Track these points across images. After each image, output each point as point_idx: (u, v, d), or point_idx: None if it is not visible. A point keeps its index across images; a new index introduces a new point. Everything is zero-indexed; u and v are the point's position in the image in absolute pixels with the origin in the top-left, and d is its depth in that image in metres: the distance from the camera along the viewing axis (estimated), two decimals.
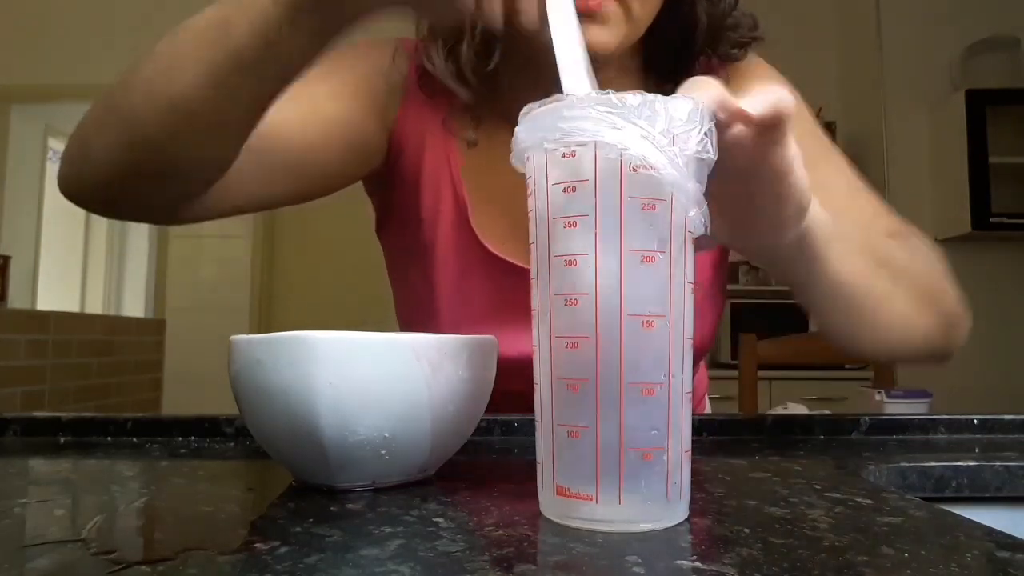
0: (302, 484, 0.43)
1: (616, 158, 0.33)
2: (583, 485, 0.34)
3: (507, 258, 0.70)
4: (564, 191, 0.34)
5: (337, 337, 0.39)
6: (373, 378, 0.39)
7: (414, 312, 0.77)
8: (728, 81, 0.70)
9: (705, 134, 0.35)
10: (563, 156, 0.34)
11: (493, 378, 0.46)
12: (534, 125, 0.35)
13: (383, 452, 0.40)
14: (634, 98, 0.33)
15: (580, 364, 0.34)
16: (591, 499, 0.33)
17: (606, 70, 0.66)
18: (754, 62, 0.75)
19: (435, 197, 0.72)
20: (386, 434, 0.40)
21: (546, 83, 0.63)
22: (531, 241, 0.37)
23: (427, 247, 0.73)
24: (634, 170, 0.33)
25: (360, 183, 0.76)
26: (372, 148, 0.72)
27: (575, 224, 0.34)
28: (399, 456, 0.41)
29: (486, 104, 0.71)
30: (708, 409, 0.90)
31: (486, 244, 0.70)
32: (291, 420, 0.39)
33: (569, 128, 0.33)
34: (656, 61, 0.72)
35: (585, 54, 0.47)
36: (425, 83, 0.72)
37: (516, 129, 0.36)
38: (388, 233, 0.78)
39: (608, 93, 0.34)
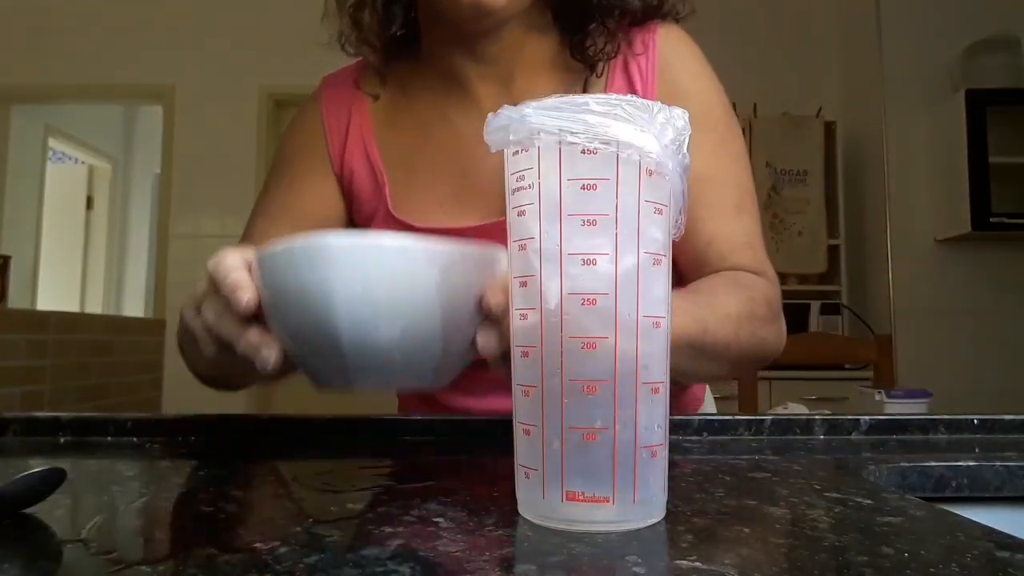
0: (322, 390, 0.44)
1: (636, 160, 0.33)
2: (599, 488, 0.33)
3: (432, 225, 0.72)
4: (584, 188, 0.34)
5: (352, 242, 0.40)
6: (386, 280, 0.40)
7: None
8: (646, 49, 0.72)
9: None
10: (583, 152, 0.33)
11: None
12: (551, 113, 0.34)
13: (396, 353, 0.41)
14: (655, 104, 0.34)
15: (599, 365, 0.33)
16: (607, 501, 0.33)
17: (512, 28, 0.69)
18: (679, 41, 0.74)
19: (366, 192, 0.76)
20: (399, 334, 0.40)
21: (467, 43, 0.70)
22: (526, 236, 0.35)
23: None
24: (650, 174, 0.34)
25: None
26: (339, 198, 0.78)
27: (595, 223, 0.33)
28: (412, 357, 0.41)
29: (389, 67, 0.76)
30: (710, 397, 0.89)
31: (410, 221, 0.72)
32: (309, 321, 0.40)
33: (597, 123, 0.33)
34: (564, 16, 0.73)
35: None
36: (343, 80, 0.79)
37: (512, 110, 0.35)
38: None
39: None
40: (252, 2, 3.75)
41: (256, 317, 0.43)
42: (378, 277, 0.39)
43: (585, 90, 0.72)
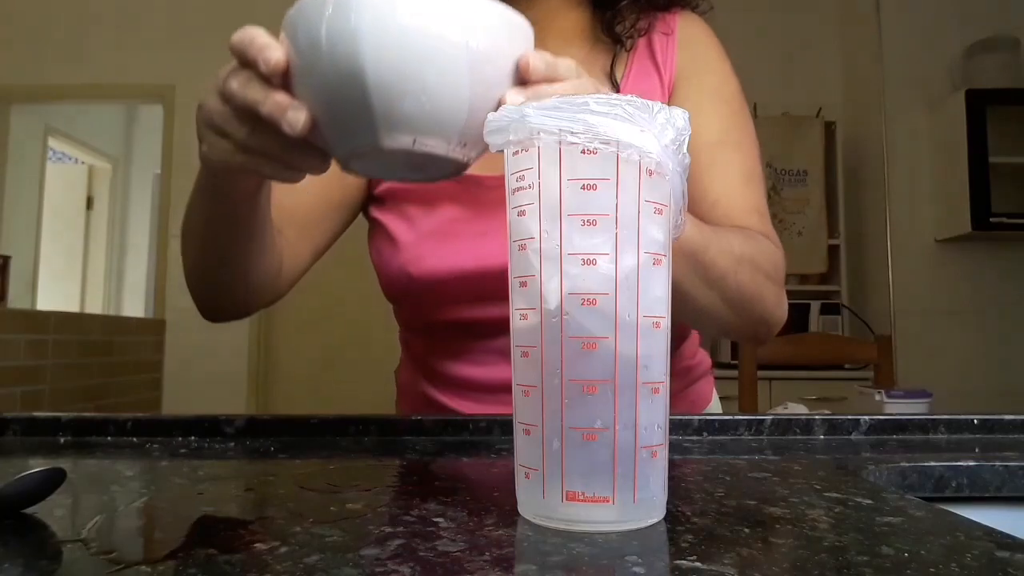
0: (345, 155, 0.43)
1: (636, 160, 0.33)
2: (600, 488, 0.33)
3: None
4: (584, 188, 0.34)
5: None
6: (416, 21, 0.39)
7: (383, 246, 0.76)
8: (669, 29, 0.76)
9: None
10: (583, 152, 0.33)
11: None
12: (551, 113, 0.34)
13: (423, 99, 0.40)
14: (655, 104, 0.34)
15: (599, 365, 0.33)
16: (608, 501, 0.33)
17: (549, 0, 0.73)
18: (699, 24, 0.78)
19: None
20: (425, 77, 0.39)
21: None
22: (526, 236, 0.35)
23: (381, 191, 0.76)
24: (650, 174, 0.34)
25: None
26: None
27: (595, 223, 0.34)
28: (439, 108, 0.40)
29: None
30: (716, 398, 0.89)
31: None
32: (337, 69, 0.39)
33: (597, 123, 0.33)
34: None
35: None
36: None
37: (512, 110, 0.35)
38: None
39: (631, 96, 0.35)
40: (252, 2, 3.75)
41: (283, 87, 0.42)
42: (407, 19, 0.39)
43: (612, 63, 0.75)
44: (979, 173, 2.85)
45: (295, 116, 0.40)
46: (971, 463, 0.51)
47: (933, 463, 0.51)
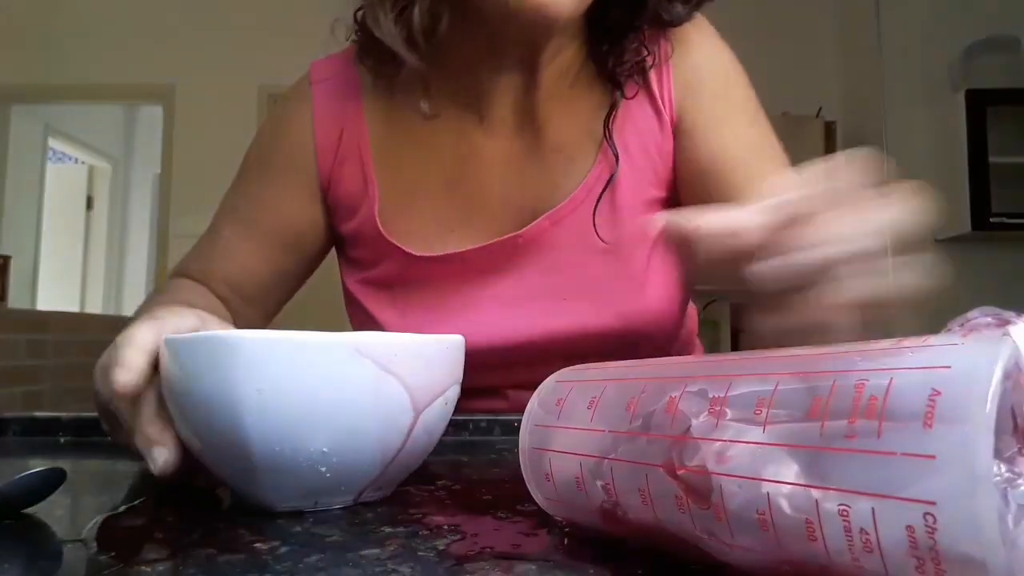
0: (241, 504, 0.39)
1: None
2: None
3: (414, 251, 0.68)
4: None
5: (264, 338, 0.34)
6: (308, 385, 0.34)
7: (362, 319, 0.74)
8: (672, 51, 0.69)
9: None
10: None
11: (459, 381, 0.40)
12: None
13: (322, 469, 0.35)
14: None
15: None
16: None
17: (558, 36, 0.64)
18: (693, 30, 0.70)
19: (354, 199, 0.71)
20: (324, 448, 0.35)
21: (500, 52, 0.64)
22: None
23: (354, 260, 0.74)
24: None
25: None
26: (321, 216, 0.73)
27: None
28: (343, 474, 0.36)
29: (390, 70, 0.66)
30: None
31: (394, 241, 0.69)
32: (218, 432, 0.35)
33: None
34: (598, 27, 0.67)
35: None
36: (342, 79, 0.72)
37: None
38: (339, 252, 0.78)
39: None
40: (252, 1, 3.75)
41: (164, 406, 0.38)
42: (297, 379, 0.33)
43: (609, 114, 0.68)
44: (979, 173, 2.86)
45: (157, 458, 0.38)
46: None
47: None
